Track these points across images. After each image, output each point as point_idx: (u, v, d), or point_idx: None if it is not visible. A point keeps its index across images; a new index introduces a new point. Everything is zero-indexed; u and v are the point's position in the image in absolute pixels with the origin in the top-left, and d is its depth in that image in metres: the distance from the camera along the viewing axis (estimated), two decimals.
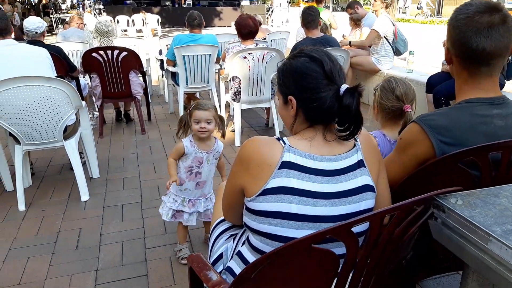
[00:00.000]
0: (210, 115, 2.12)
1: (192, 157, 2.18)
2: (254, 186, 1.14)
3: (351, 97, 1.10)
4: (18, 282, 2.18)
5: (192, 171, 2.20)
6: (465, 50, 1.32)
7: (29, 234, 2.65)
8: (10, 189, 3.24)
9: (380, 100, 1.85)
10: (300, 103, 1.18)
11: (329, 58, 1.17)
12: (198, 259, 1.32)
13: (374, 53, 5.37)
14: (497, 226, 0.86)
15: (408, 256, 1.29)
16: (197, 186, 2.25)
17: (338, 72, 1.16)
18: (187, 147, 2.16)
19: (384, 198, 1.30)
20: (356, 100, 1.11)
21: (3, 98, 2.69)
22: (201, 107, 2.13)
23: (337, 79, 1.14)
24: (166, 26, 19.31)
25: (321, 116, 1.16)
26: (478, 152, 1.26)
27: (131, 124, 5.04)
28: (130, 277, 2.22)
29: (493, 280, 0.84)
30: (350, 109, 1.10)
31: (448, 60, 1.44)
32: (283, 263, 1.00)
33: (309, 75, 1.15)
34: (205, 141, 2.20)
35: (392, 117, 1.85)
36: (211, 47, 4.62)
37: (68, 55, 4.59)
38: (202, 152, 2.19)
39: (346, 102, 1.10)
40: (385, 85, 1.85)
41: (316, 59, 1.16)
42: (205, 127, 2.12)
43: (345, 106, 1.10)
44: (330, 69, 1.14)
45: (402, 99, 1.80)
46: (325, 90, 1.13)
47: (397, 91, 1.81)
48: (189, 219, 2.28)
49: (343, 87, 1.12)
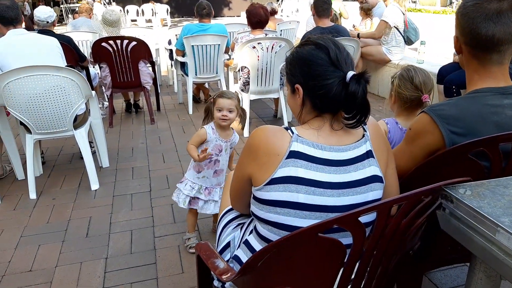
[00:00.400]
0: (232, 104, 2.15)
1: (212, 145, 2.20)
2: (261, 175, 1.15)
3: (357, 84, 1.09)
4: (29, 269, 2.22)
5: (212, 158, 2.23)
6: (474, 37, 1.30)
7: (40, 222, 2.69)
8: (22, 177, 3.28)
9: (398, 88, 1.82)
10: (307, 91, 1.17)
11: (335, 45, 1.15)
12: (206, 248, 1.34)
13: (385, 43, 5.31)
14: (506, 217, 0.85)
15: (416, 246, 1.29)
16: (214, 174, 2.28)
17: (345, 58, 1.14)
18: (209, 134, 2.19)
19: (393, 188, 1.29)
20: (363, 86, 1.09)
21: (14, 87, 2.72)
22: (225, 95, 2.16)
23: (343, 65, 1.13)
24: (175, 16, 19.30)
25: (328, 104, 1.15)
26: (488, 143, 1.24)
27: (141, 114, 5.06)
28: (139, 265, 2.24)
29: (501, 271, 0.84)
30: (356, 96, 1.08)
31: (458, 50, 1.42)
32: (289, 252, 1.00)
33: (315, 62, 1.14)
34: (225, 130, 2.24)
35: (409, 106, 1.84)
36: (220, 37, 4.61)
37: (78, 45, 4.61)
38: (222, 140, 2.22)
39: (352, 88, 1.08)
40: (404, 73, 1.83)
41: (321, 46, 1.15)
42: (227, 115, 2.14)
43: (351, 93, 1.09)
44: (335, 55, 1.13)
45: (421, 88, 1.79)
46: (331, 77, 1.11)
47: (415, 80, 1.79)
48: (203, 207, 2.30)
49: (349, 73, 1.10)
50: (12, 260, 2.30)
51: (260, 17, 4.11)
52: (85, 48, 5.12)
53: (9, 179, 3.31)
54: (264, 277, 1.09)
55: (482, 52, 1.33)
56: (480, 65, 1.35)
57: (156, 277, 2.15)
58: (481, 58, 1.34)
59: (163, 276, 2.16)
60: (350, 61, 1.16)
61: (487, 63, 1.34)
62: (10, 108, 2.80)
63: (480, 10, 1.27)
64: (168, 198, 2.96)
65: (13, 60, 2.82)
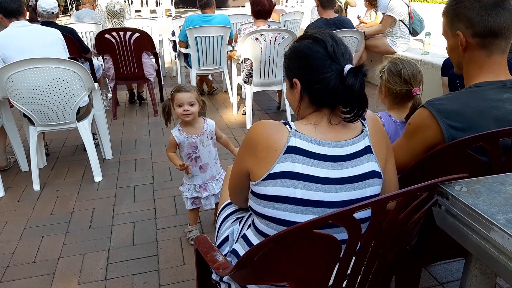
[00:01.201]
0: (192, 97, 2.08)
1: (185, 145, 2.18)
2: (259, 170, 1.15)
3: (354, 77, 1.07)
4: (33, 260, 2.25)
5: (191, 156, 2.21)
6: (486, 24, 1.29)
7: (44, 213, 2.72)
8: (26, 169, 3.31)
9: (387, 84, 1.81)
10: (305, 86, 1.16)
11: (333, 38, 1.14)
12: (205, 241, 1.35)
13: (390, 35, 5.26)
14: (501, 215, 0.85)
15: (413, 242, 1.29)
16: (201, 170, 2.26)
17: (343, 52, 1.13)
18: (177, 137, 2.16)
19: (391, 184, 1.29)
20: (360, 80, 1.08)
21: (17, 80, 2.73)
22: (183, 89, 2.09)
23: (340, 59, 1.11)
24: (180, 7, 19.19)
25: (326, 98, 1.14)
26: (488, 139, 1.24)
27: (144, 106, 5.07)
28: (140, 257, 2.26)
29: (495, 269, 0.84)
30: (353, 89, 1.07)
31: (465, 45, 1.39)
32: (285, 247, 1.01)
33: (312, 56, 1.13)
34: (193, 125, 2.18)
35: (400, 100, 1.82)
36: (224, 28, 4.59)
37: (82, 36, 4.61)
38: (193, 137, 2.17)
39: (349, 82, 1.07)
40: (392, 68, 1.81)
41: (319, 40, 1.14)
42: (188, 109, 2.08)
43: (348, 86, 1.07)
44: (333, 49, 1.11)
45: (410, 82, 1.77)
46: (328, 70, 1.10)
47: (404, 74, 1.77)
48: (206, 203, 2.31)
49: (347, 67, 1.09)
50: (16, 252, 2.33)
51: (263, 6, 4.07)
52: (89, 39, 5.12)
53: (13, 171, 3.34)
54: (261, 271, 1.09)
55: (492, 39, 1.32)
56: (487, 55, 1.34)
57: (157, 269, 2.17)
58: (490, 47, 1.33)
59: (165, 268, 2.18)
60: (348, 55, 1.15)
61: (493, 53, 1.33)
62: (13, 101, 2.82)
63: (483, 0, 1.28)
64: (170, 190, 2.98)
65: (15, 53, 2.83)
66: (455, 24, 1.36)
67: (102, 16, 5.12)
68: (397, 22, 5.11)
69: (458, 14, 1.34)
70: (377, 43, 5.40)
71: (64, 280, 2.10)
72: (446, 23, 1.41)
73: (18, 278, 2.12)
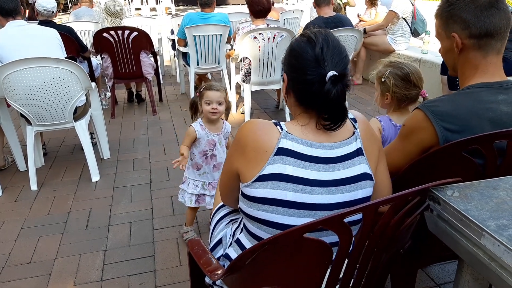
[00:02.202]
0: (221, 96, 2.11)
1: (204, 141, 2.17)
2: (249, 171, 1.14)
3: (332, 85, 1.05)
4: (29, 261, 2.25)
5: (207, 154, 2.21)
6: (483, 25, 1.28)
7: (41, 213, 2.72)
8: (23, 169, 3.31)
9: (395, 88, 1.78)
10: (290, 83, 1.17)
11: (326, 41, 1.11)
12: (198, 244, 1.34)
13: (391, 32, 5.24)
14: (492, 221, 0.84)
15: (406, 245, 1.28)
16: (214, 168, 2.25)
17: (332, 56, 1.09)
18: (199, 132, 2.15)
19: (384, 186, 1.28)
20: (338, 89, 1.06)
21: (13, 79, 2.72)
22: (213, 87, 2.11)
23: (327, 64, 1.08)
24: (180, 4, 19.11)
25: (307, 99, 1.13)
26: (482, 141, 1.23)
27: (143, 105, 5.06)
28: (137, 258, 2.26)
29: (486, 275, 0.83)
30: (328, 96, 1.06)
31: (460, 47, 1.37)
32: (275, 252, 1.00)
33: (300, 55, 1.12)
34: (215, 123, 2.20)
35: (405, 105, 1.82)
36: (223, 26, 4.57)
37: (80, 35, 4.60)
38: (214, 135, 2.18)
39: (326, 88, 1.05)
40: (399, 73, 1.77)
41: (311, 40, 1.12)
42: (217, 108, 2.10)
43: (324, 92, 1.06)
44: (320, 52, 1.09)
45: (418, 85, 1.77)
46: (312, 73, 1.08)
47: (412, 78, 1.76)
48: (210, 202, 2.29)
49: (329, 73, 1.06)
50: (12, 252, 2.32)
51: (263, 5, 4.04)
52: (87, 38, 5.10)
53: (11, 170, 3.33)
54: (252, 276, 1.09)
55: (489, 40, 1.31)
56: (482, 56, 1.33)
57: (154, 270, 2.16)
58: (486, 48, 1.32)
59: (161, 268, 2.17)
60: (340, 60, 1.11)
61: (489, 53, 1.32)
62: (10, 100, 2.81)
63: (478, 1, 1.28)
64: (168, 190, 2.97)
65: (12, 52, 2.82)
66: (450, 26, 1.35)
67: (101, 14, 5.11)
68: (399, 20, 5.08)
69: (453, 15, 1.33)
70: (376, 41, 5.38)
71: (60, 281, 2.10)
72: (440, 24, 1.39)
73: (14, 279, 2.11)
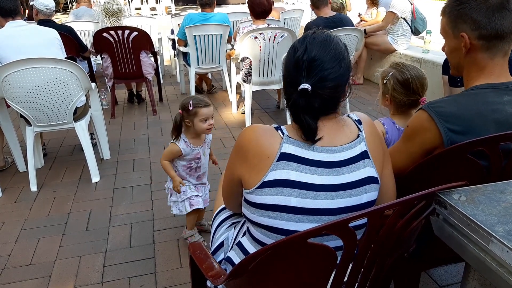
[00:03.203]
0: (212, 110, 2.08)
1: (189, 156, 2.15)
2: (252, 178, 1.12)
3: (301, 98, 1.06)
4: (29, 263, 2.23)
5: (192, 167, 2.20)
6: (493, 27, 1.26)
7: (41, 215, 2.70)
8: (23, 169, 3.29)
9: (393, 92, 1.76)
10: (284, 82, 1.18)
11: (308, 48, 1.07)
12: (199, 248, 1.32)
13: (391, 32, 5.23)
14: (500, 226, 0.82)
15: (411, 249, 1.26)
16: (198, 179, 2.27)
17: (311, 67, 1.06)
18: (184, 149, 2.11)
19: (388, 189, 1.26)
20: (304, 103, 1.06)
21: (13, 80, 2.70)
22: (203, 103, 2.05)
23: (303, 72, 1.06)
24: (180, 4, 19.07)
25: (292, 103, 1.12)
26: (487, 143, 1.21)
27: (143, 105, 5.04)
28: (137, 259, 2.24)
29: (493, 281, 0.81)
30: (296, 108, 1.07)
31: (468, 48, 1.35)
32: (280, 256, 0.98)
33: (289, 59, 1.12)
34: (200, 136, 2.16)
35: (406, 109, 1.79)
36: (223, 26, 4.55)
37: (80, 35, 4.58)
38: (198, 148, 2.15)
39: (294, 98, 1.07)
40: (399, 77, 1.74)
41: (295, 44, 1.13)
42: (212, 123, 2.09)
43: (293, 102, 1.08)
44: (299, 60, 1.07)
45: (418, 92, 1.73)
46: (292, 80, 1.09)
47: (413, 84, 1.72)
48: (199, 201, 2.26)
49: (302, 85, 1.04)
50: (12, 254, 2.31)
51: (264, 6, 4.03)
52: (87, 38, 5.09)
53: (10, 171, 3.32)
54: (255, 281, 1.07)
55: (498, 42, 1.29)
56: (490, 58, 1.31)
57: (154, 272, 2.15)
58: (494, 50, 1.30)
59: (162, 270, 2.16)
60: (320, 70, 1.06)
61: (496, 55, 1.31)
62: (9, 101, 2.79)
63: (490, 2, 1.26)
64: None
65: (12, 53, 2.80)
66: (459, 25, 1.33)
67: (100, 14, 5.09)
68: (399, 20, 5.07)
69: (463, 15, 1.30)
70: (377, 40, 5.37)
71: (60, 283, 2.08)
72: (448, 23, 1.36)
73: (14, 281, 2.10)
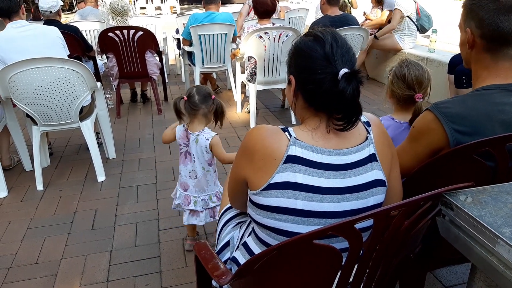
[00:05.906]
0: None
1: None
2: (258, 179, 1.11)
3: (346, 82, 1.02)
4: (35, 262, 2.25)
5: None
6: (495, 29, 1.26)
7: (47, 214, 2.72)
8: (29, 168, 3.31)
9: (391, 86, 1.78)
10: (299, 84, 1.13)
11: (334, 39, 1.09)
12: (205, 248, 1.32)
13: (398, 31, 5.21)
14: (507, 227, 0.82)
15: (417, 250, 1.26)
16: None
17: (342, 54, 1.07)
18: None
19: (395, 191, 1.25)
20: (353, 86, 1.03)
21: (19, 80, 2.72)
22: None
23: (338, 62, 1.05)
24: (185, 3, 19.09)
25: (318, 100, 1.10)
26: (494, 143, 1.20)
27: (148, 104, 5.06)
28: (143, 258, 2.25)
29: (500, 283, 0.81)
30: (344, 95, 1.02)
31: (471, 44, 1.36)
32: (285, 257, 0.98)
33: (309, 55, 1.09)
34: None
35: (403, 104, 1.79)
36: (228, 25, 4.55)
37: (86, 35, 4.59)
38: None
39: (341, 87, 1.02)
40: (397, 71, 1.76)
41: (319, 39, 1.09)
42: None
43: (339, 91, 1.03)
44: (331, 50, 1.06)
45: (414, 87, 1.72)
46: (323, 72, 1.05)
47: (408, 78, 1.72)
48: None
49: (342, 71, 1.03)
50: (18, 252, 2.32)
51: (267, 6, 4.02)
52: (92, 37, 5.11)
53: (17, 170, 3.34)
54: (260, 281, 1.07)
55: (500, 45, 1.28)
56: (492, 60, 1.31)
57: (159, 271, 2.16)
58: (496, 53, 1.30)
59: (167, 269, 2.17)
60: (349, 58, 1.08)
61: (500, 58, 1.30)
62: (16, 101, 2.81)
63: (501, 2, 1.25)
64: (173, 190, 2.95)
65: (16, 55, 2.78)
66: (468, 20, 1.34)
67: (106, 14, 5.10)
68: (404, 19, 5.05)
69: (472, 11, 1.31)
70: (384, 39, 5.34)
71: (66, 282, 2.10)
72: (462, 15, 1.37)
73: (20, 280, 2.11)
